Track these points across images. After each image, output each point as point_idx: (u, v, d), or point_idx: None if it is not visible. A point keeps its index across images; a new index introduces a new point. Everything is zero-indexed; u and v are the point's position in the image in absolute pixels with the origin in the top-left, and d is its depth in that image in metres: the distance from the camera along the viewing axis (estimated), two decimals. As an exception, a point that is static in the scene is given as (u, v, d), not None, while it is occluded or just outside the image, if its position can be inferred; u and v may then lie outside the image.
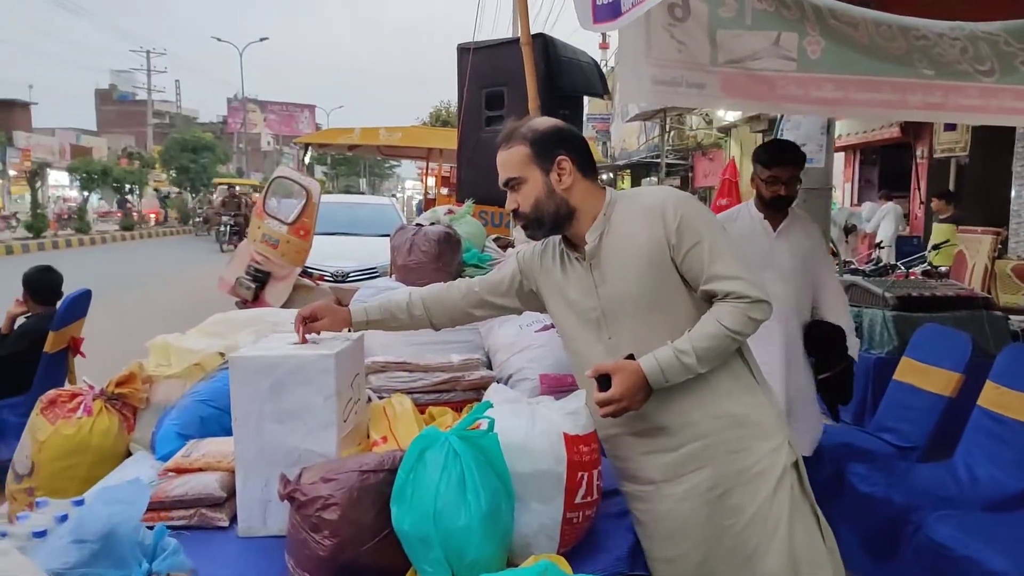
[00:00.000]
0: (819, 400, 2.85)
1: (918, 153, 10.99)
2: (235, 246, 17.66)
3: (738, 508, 1.57)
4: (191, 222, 28.71)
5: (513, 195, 1.64)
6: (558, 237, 1.70)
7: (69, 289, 3.87)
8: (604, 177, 24.09)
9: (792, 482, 1.59)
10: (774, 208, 2.73)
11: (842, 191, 13.96)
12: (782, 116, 5.13)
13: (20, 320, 3.79)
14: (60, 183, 31.02)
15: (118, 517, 0.98)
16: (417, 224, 3.22)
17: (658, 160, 18.89)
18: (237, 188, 23.53)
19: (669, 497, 1.61)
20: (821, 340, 2.72)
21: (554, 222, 1.63)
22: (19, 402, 3.47)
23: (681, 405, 1.59)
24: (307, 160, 11.38)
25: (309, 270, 6.71)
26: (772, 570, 1.54)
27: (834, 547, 1.66)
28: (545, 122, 1.67)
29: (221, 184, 26.43)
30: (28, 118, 31.77)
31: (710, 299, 1.58)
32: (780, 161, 2.67)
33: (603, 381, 1.52)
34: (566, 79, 4.59)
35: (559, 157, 1.60)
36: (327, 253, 7.20)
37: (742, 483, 1.57)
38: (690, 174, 21.54)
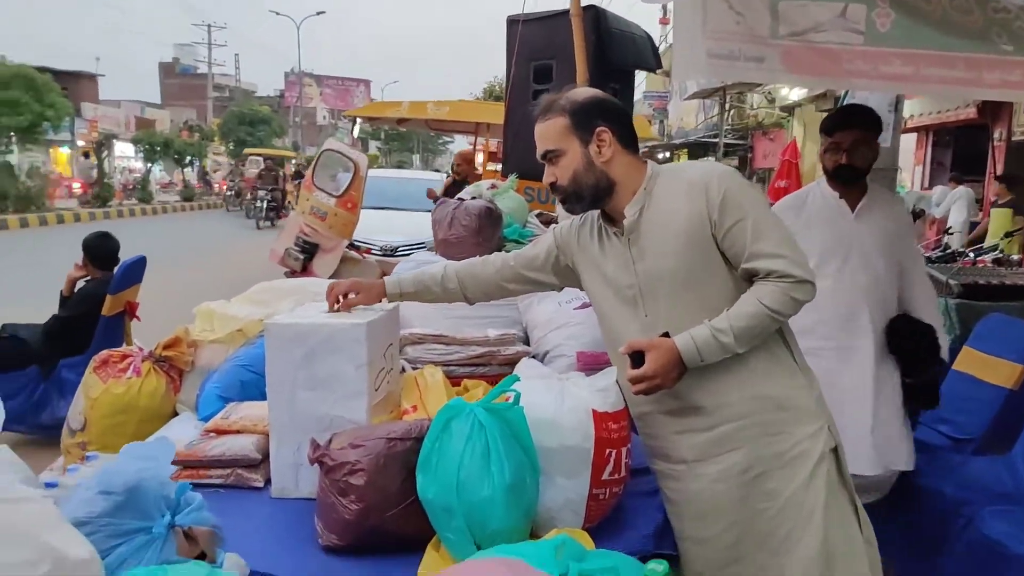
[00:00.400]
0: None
1: (995, 135, 10.41)
2: (272, 223, 16.95)
3: (773, 492, 1.53)
4: (224, 196, 26.02)
5: (551, 168, 1.60)
6: (597, 212, 1.66)
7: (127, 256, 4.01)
8: (660, 156, 23.68)
9: (830, 468, 1.54)
10: (843, 182, 2.38)
11: (912, 174, 13.37)
12: (846, 92, 4.92)
13: (80, 284, 3.94)
14: (125, 154, 32.14)
15: (145, 472, 1.00)
16: (459, 198, 3.21)
17: (716, 140, 18.42)
18: (294, 162, 23.11)
19: (701, 477, 1.57)
20: (908, 339, 2.40)
21: (593, 196, 1.58)
22: (78, 361, 3.62)
23: (717, 385, 1.54)
24: (356, 133, 11.42)
25: (358, 244, 6.80)
26: (804, 556, 1.50)
27: (872, 538, 1.60)
28: (584, 93, 1.62)
29: (253, 155, 24.69)
30: (95, 90, 32.92)
31: (751, 278, 1.52)
32: (841, 125, 2.35)
33: (636, 358, 1.48)
34: (617, 52, 4.48)
35: (599, 128, 1.55)
36: (376, 227, 7.27)
37: (778, 467, 1.52)
38: (749, 155, 20.97)
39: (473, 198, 3.23)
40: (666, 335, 1.49)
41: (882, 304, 2.40)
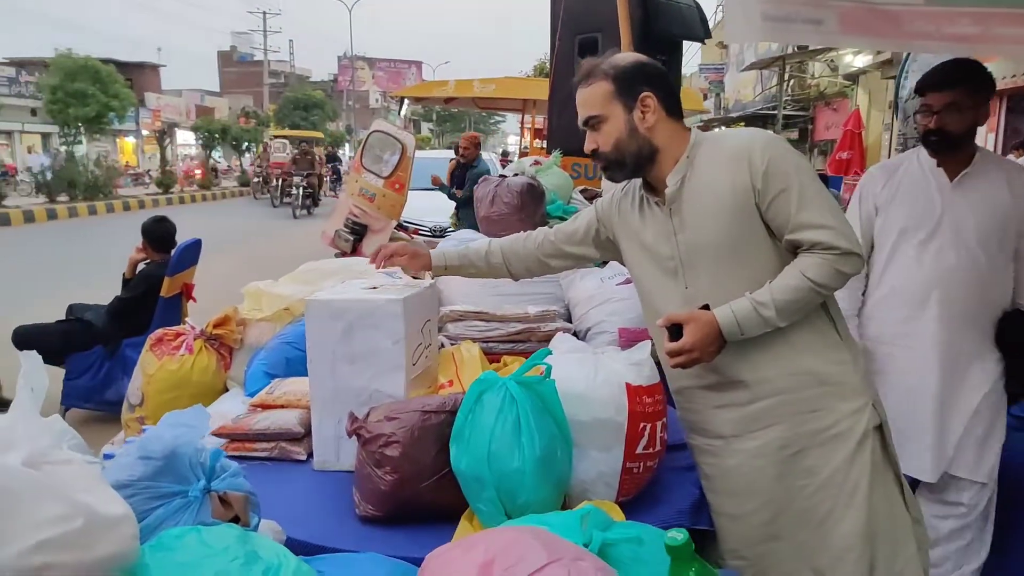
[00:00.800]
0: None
1: (1081, 99, 9.78)
2: (309, 212, 16.04)
3: (812, 469, 1.48)
4: (250, 183, 23.69)
5: (593, 135, 1.56)
6: (638, 182, 1.62)
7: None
8: (717, 131, 23.06)
9: (874, 446, 1.48)
10: (933, 149, 2.10)
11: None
12: (908, 56, 4.69)
13: (141, 266, 4.10)
14: (187, 142, 33.19)
15: (181, 438, 1.05)
16: (501, 175, 3.20)
17: (775, 112, 17.82)
18: (346, 145, 22.68)
19: (739, 453, 1.54)
20: (1014, 333, 2.09)
21: (636, 163, 1.54)
22: (140, 341, 3.76)
23: (757, 360, 1.50)
24: (403, 113, 11.43)
25: (407, 224, 6.88)
26: (846, 535, 1.45)
27: (920, 518, 1.55)
28: (628, 57, 1.57)
29: (279, 138, 22.83)
30: (157, 80, 34.08)
31: (795, 250, 1.47)
32: (934, 84, 2.05)
33: (675, 331, 1.45)
34: (663, 23, 4.36)
35: (643, 94, 1.50)
36: (426, 208, 7.33)
37: (817, 444, 1.48)
38: (810, 127, 20.22)
39: (516, 175, 3.21)
40: (706, 307, 1.46)
41: (976, 290, 2.07)
